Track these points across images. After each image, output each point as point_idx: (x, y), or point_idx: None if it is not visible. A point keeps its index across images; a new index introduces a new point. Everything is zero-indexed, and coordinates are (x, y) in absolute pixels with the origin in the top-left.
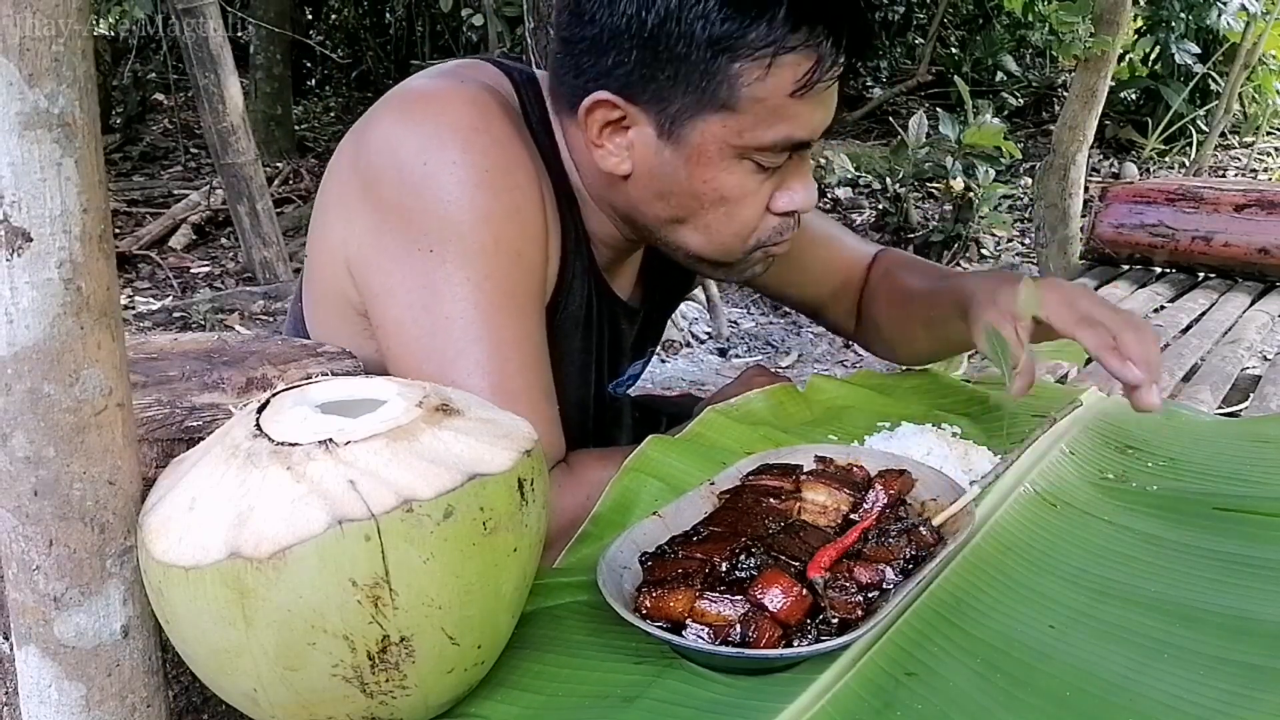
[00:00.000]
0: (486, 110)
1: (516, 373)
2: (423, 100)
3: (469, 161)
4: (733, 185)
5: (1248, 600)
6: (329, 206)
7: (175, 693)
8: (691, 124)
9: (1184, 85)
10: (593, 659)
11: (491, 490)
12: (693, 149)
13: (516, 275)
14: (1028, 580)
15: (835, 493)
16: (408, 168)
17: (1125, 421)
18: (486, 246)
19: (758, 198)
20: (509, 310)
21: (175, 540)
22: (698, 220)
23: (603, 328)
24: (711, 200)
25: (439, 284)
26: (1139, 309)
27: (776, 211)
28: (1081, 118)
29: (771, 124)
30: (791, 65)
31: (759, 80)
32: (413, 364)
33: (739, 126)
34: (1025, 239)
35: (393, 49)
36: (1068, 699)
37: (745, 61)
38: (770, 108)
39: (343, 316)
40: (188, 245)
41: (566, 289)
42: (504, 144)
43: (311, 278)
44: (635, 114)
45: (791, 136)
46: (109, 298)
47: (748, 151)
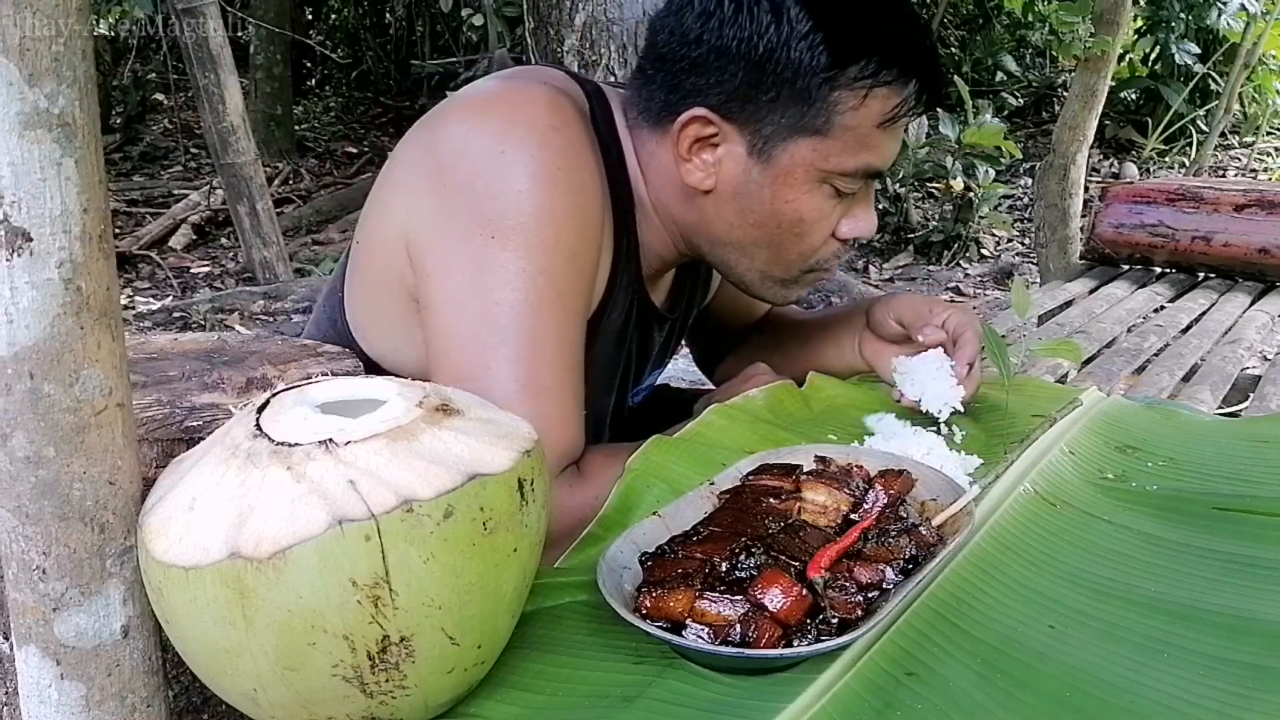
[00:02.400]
0: (564, 112)
1: (551, 370)
2: (504, 97)
3: (544, 157)
4: (811, 208)
5: (1247, 600)
6: (393, 189)
7: (175, 693)
8: (783, 145)
9: (1184, 85)
10: (593, 659)
11: (491, 490)
12: (780, 169)
13: (569, 275)
14: (1028, 580)
15: (835, 493)
16: (483, 154)
17: (1125, 421)
18: (546, 242)
19: (829, 222)
20: (556, 308)
21: (175, 540)
22: (769, 240)
23: (635, 338)
24: (789, 220)
25: (495, 270)
26: (1139, 309)
27: (840, 237)
28: (1081, 118)
29: (856, 152)
30: (882, 98)
31: (853, 109)
32: (453, 344)
33: (827, 151)
34: (1025, 239)
35: (393, 49)
36: (1068, 699)
37: (844, 90)
38: (858, 136)
39: (393, 299)
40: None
41: (612, 299)
42: (576, 147)
43: (361, 263)
44: (729, 131)
45: (871, 165)
46: (109, 298)
47: (830, 176)
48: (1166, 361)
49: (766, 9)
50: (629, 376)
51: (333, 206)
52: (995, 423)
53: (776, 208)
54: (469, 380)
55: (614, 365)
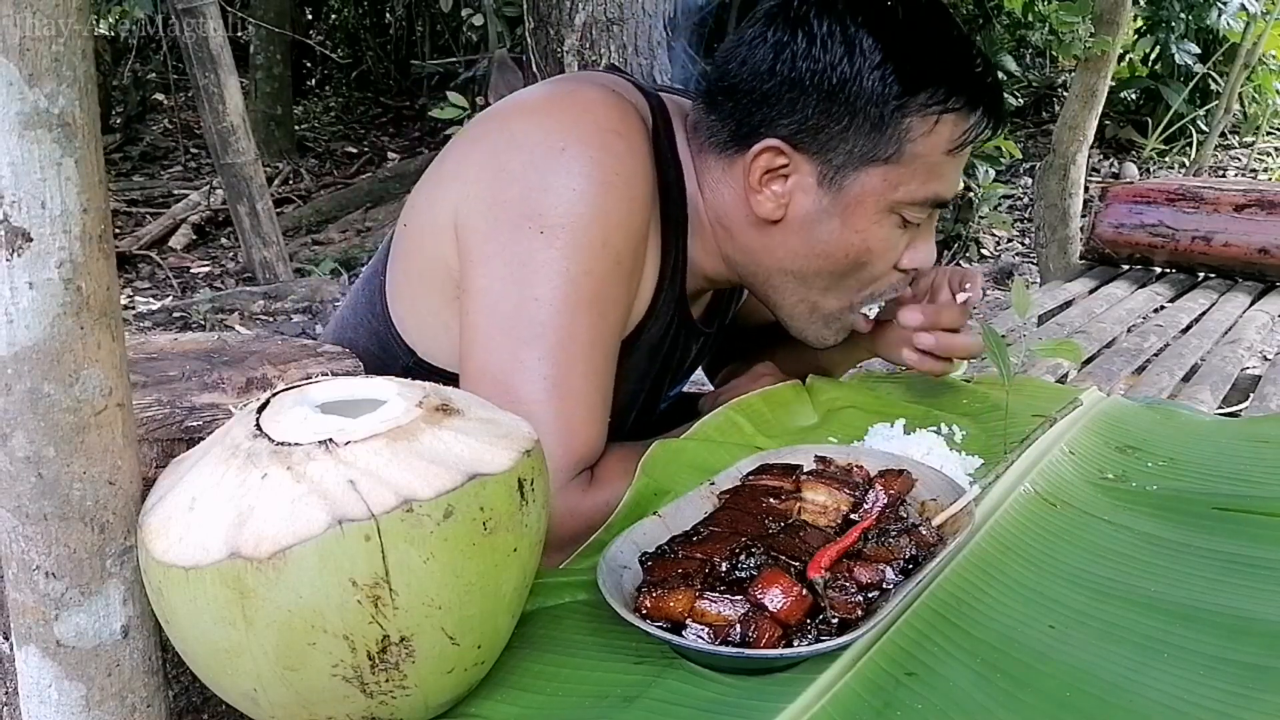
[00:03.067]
0: (628, 119)
1: (581, 373)
2: (571, 97)
3: (603, 160)
4: (880, 238)
5: (1247, 600)
6: (446, 174)
7: (175, 693)
8: (854, 175)
9: (1184, 85)
10: (593, 659)
11: (491, 490)
12: (851, 199)
13: (611, 281)
14: (1028, 580)
15: (835, 493)
16: (544, 149)
17: (1125, 421)
18: (594, 244)
19: (895, 253)
20: (594, 311)
21: (175, 540)
22: (834, 270)
23: (673, 351)
24: (857, 251)
25: (539, 265)
26: (1139, 309)
27: (901, 268)
28: (1081, 118)
29: (925, 180)
30: (951, 124)
31: (924, 136)
32: (487, 333)
33: (897, 179)
34: (1025, 239)
35: (393, 49)
36: (1068, 699)
37: (914, 118)
38: (928, 164)
39: (438, 285)
40: (188, 245)
41: (655, 313)
42: (635, 155)
43: (406, 248)
44: (800, 162)
45: (939, 194)
46: (109, 298)
47: (899, 206)
48: (1166, 361)
49: (840, 41)
50: (661, 387)
51: (333, 206)
52: (995, 423)
53: (846, 238)
54: (497, 372)
55: (646, 377)
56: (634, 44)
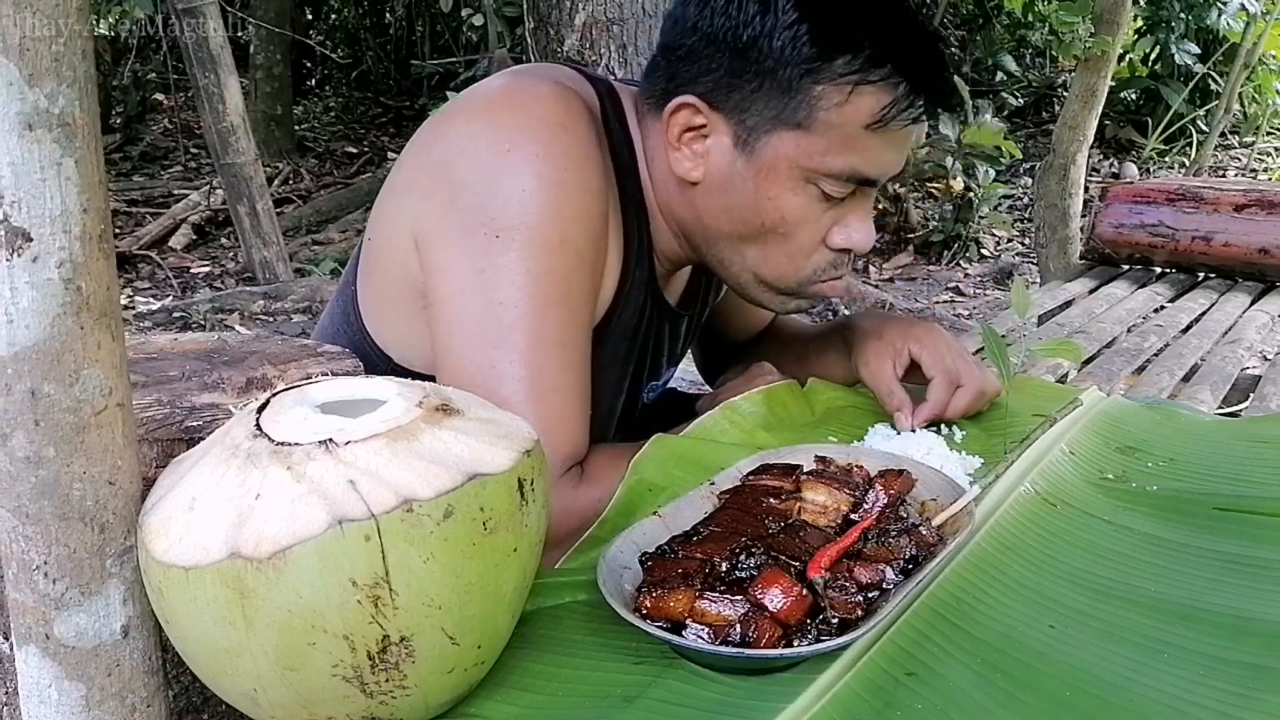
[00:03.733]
0: (572, 111)
1: (555, 370)
2: (513, 94)
3: (550, 156)
4: (795, 207)
5: (1247, 600)
6: (402, 187)
7: (175, 693)
8: (766, 138)
9: (1184, 85)
10: (593, 659)
11: (491, 490)
12: (763, 163)
13: (574, 275)
14: (1028, 580)
15: (835, 493)
16: (489, 152)
17: (1125, 421)
18: (551, 241)
19: (816, 226)
20: (561, 308)
21: (175, 540)
22: (755, 239)
23: (649, 336)
24: (772, 219)
25: (499, 269)
26: (1139, 309)
27: (832, 247)
28: (1081, 118)
29: (841, 152)
30: (871, 97)
31: (837, 106)
32: (459, 343)
33: (810, 148)
34: (1025, 239)
35: (393, 49)
36: (1068, 699)
37: (827, 85)
38: (844, 135)
39: (405, 297)
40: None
41: (624, 299)
42: (585, 147)
43: (372, 259)
44: (716, 121)
45: (858, 169)
46: (109, 298)
47: (815, 176)
48: (1166, 361)
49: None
50: (642, 374)
51: (333, 206)
52: (995, 423)
53: (760, 203)
54: (472, 379)
55: (626, 364)
56: (634, 44)
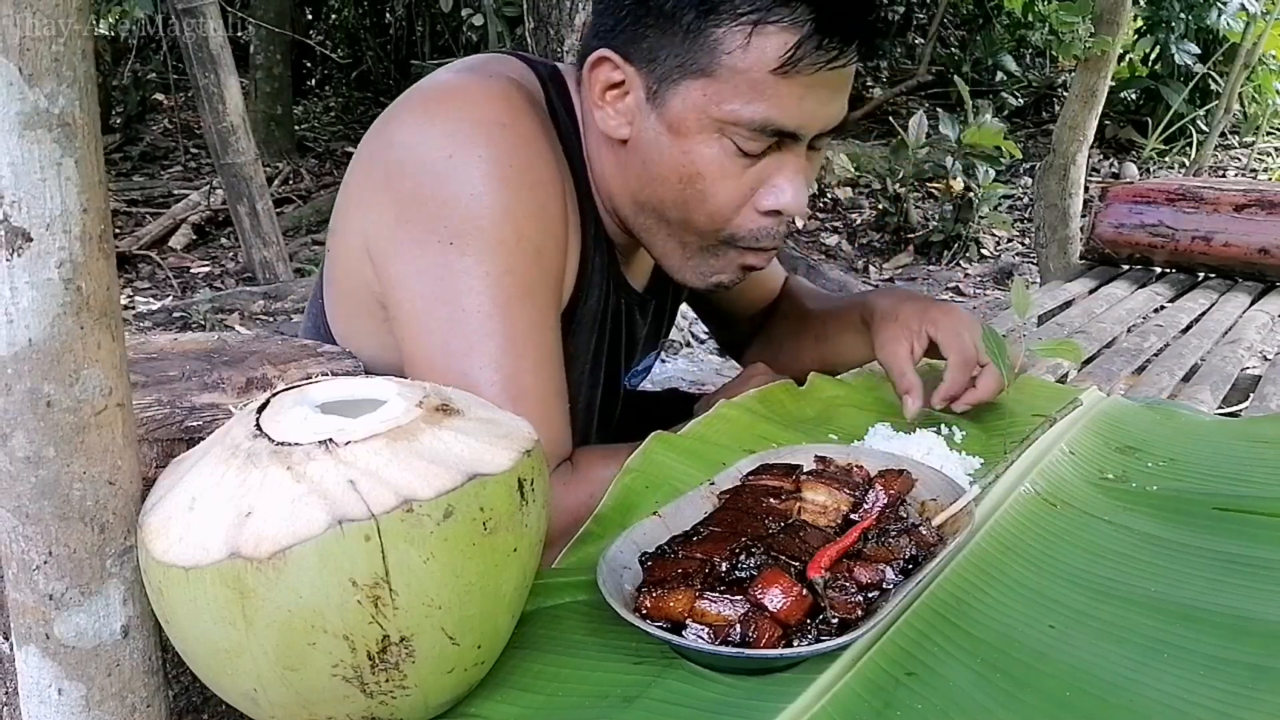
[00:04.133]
0: (513, 105)
1: (529, 369)
2: (450, 94)
3: (494, 156)
4: (708, 159)
5: (1247, 600)
6: (351, 198)
7: (175, 693)
8: (674, 89)
9: (1184, 85)
10: (593, 659)
11: (491, 490)
12: (674, 115)
13: (535, 272)
14: (1028, 580)
15: (835, 493)
16: (432, 160)
17: (1125, 421)
18: (507, 242)
19: (737, 183)
20: (526, 307)
21: (175, 540)
22: (676, 199)
23: (618, 322)
24: (687, 174)
25: (457, 276)
26: (1139, 309)
27: (761, 209)
28: (1081, 118)
29: (750, 99)
30: (774, 39)
31: (740, 49)
32: (427, 355)
33: (718, 96)
34: (1025, 239)
35: (393, 49)
36: (1068, 699)
37: (727, 28)
38: (750, 81)
39: (366, 308)
40: (188, 245)
41: (585, 285)
42: (529, 140)
43: (333, 271)
44: (632, 75)
45: (770, 119)
46: (109, 298)
47: (726, 127)
48: (1166, 361)
49: None
50: (617, 362)
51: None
52: (995, 423)
53: (674, 158)
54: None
55: (598, 353)
56: None
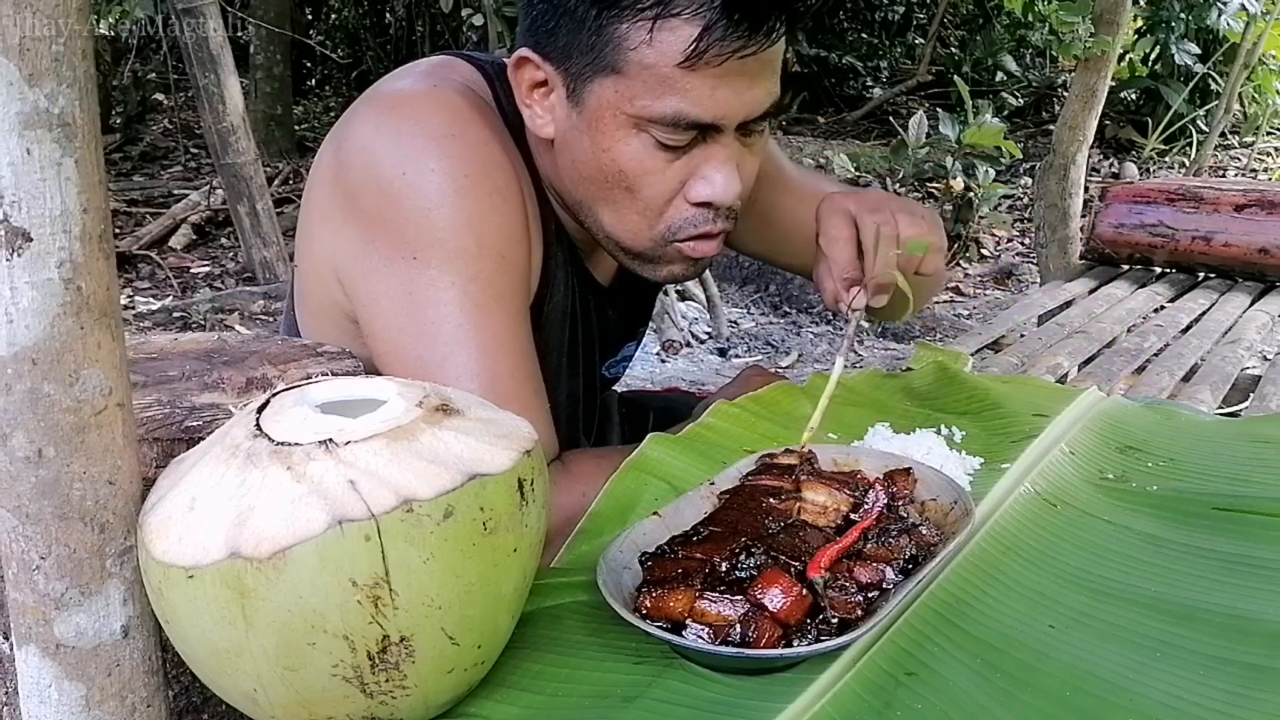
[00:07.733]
0: (461, 113)
1: (506, 374)
2: (397, 107)
3: (446, 168)
4: (629, 158)
5: (1247, 600)
6: (312, 217)
7: (175, 693)
8: (588, 87)
9: (1184, 85)
10: (593, 659)
11: (491, 490)
12: (591, 114)
13: (501, 277)
14: (1028, 580)
15: (835, 493)
16: (386, 178)
17: (1125, 421)
18: (469, 250)
19: (663, 179)
20: (495, 312)
21: (175, 540)
22: (604, 196)
23: (588, 316)
24: (611, 172)
25: (424, 290)
26: (1139, 309)
27: (693, 201)
28: (1081, 118)
29: (660, 94)
30: (676, 32)
31: (644, 44)
32: (403, 369)
33: (629, 92)
34: (1025, 239)
35: (393, 49)
36: (1068, 699)
37: (630, 23)
38: (659, 76)
39: (335, 323)
40: (188, 245)
41: (550, 282)
42: (480, 146)
43: (302, 284)
44: (551, 74)
45: (683, 113)
46: (109, 298)
47: (642, 123)
48: (1166, 361)
49: None
50: (592, 355)
51: None
52: (995, 423)
53: (596, 157)
54: None
55: (573, 345)
56: None
